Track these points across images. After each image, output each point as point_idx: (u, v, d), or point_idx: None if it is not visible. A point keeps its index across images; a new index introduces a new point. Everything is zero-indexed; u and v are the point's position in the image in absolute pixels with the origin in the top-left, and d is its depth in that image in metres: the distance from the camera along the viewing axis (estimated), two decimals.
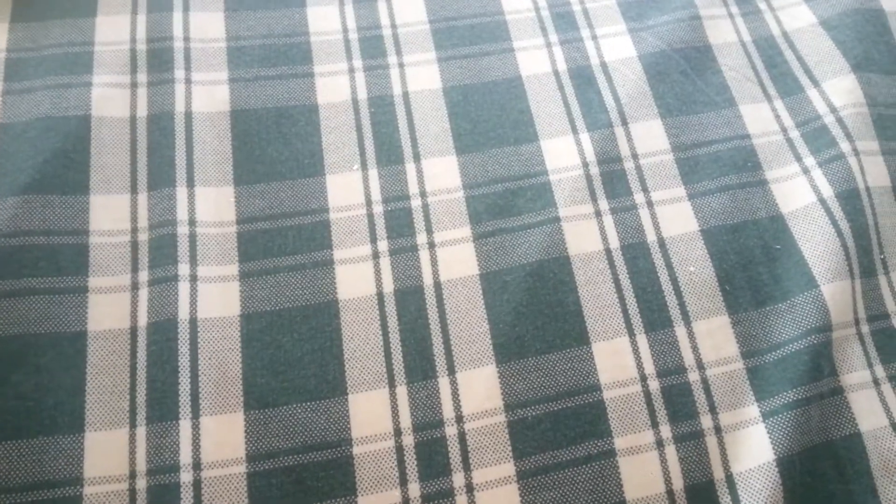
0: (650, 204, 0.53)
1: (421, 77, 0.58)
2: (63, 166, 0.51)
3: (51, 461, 0.42)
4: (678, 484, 0.44)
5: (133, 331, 0.46)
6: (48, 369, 0.44)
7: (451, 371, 0.47)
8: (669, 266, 0.50)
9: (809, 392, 0.46)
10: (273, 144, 0.54)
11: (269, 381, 0.45)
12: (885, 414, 0.47)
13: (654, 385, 0.47)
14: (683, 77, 0.58)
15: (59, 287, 0.47)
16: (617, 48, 0.60)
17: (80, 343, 0.45)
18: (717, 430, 0.46)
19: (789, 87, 0.59)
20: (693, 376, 0.47)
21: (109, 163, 0.52)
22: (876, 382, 0.48)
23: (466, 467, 0.44)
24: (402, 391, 0.46)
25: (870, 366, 0.48)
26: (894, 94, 0.57)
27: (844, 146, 0.54)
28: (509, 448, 0.45)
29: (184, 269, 0.48)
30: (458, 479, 0.44)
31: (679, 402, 0.46)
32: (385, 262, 0.50)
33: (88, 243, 0.48)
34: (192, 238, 0.49)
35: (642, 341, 0.48)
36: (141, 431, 0.43)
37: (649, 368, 0.47)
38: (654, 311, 0.49)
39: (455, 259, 0.50)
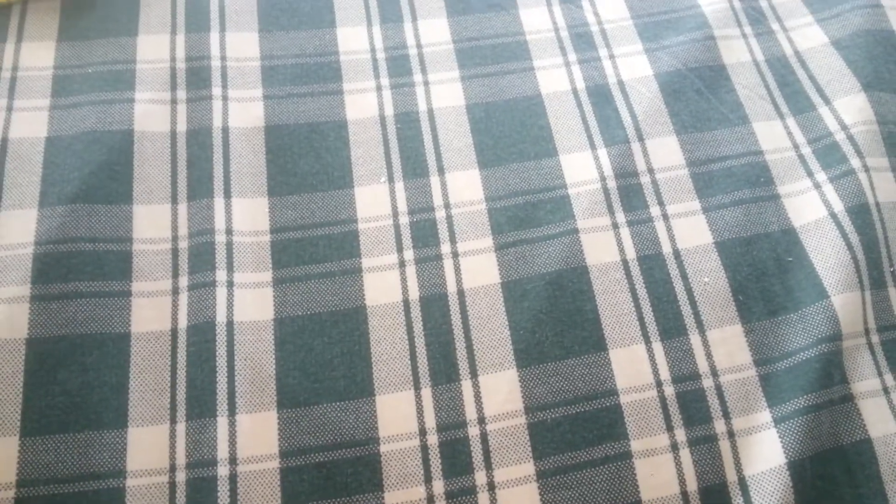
0: (666, 217, 0.55)
1: (445, 94, 0.60)
2: (108, 177, 0.54)
3: (96, 454, 0.45)
4: (692, 486, 0.46)
5: (174, 333, 0.49)
6: (94, 368, 0.47)
7: (474, 374, 0.49)
8: (684, 276, 0.52)
9: (820, 399, 0.48)
10: (305, 158, 0.57)
11: (301, 381, 0.48)
12: (895, 421, 0.48)
13: (669, 390, 0.48)
14: (698, 95, 0.61)
15: (105, 291, 0.49)
16: (634, 67, 0.62)
17: (123, 344, 0.48)
18: (731, 434, 0.47)
19: (801, 105, 0.60)
20: (707, 382, 0.49)
21: (151, 175, 0.54)
22: (886, 391, 0.49)
23: (488, 466, 0.46)
24: (426, 393, 0.48)
25: (880, 374, 0.50)
26: None
27: (855, 162, 0.56)
28: (529, 449, 0.46)
29: (221, 275, 0.51)
30: (481, 478, 0.46)
31: (693, 407, 0.48)
32: (411, 271, 0.52)
33: (132, 250, 0.51)
34: (229, 246, 0.52)
35: (658, 348, 0.50)
36: (181, 427, 0.46)
37: (665, 374, 0.49)
38: (669, 320, 0.51)
39: (478, 268, 0.52)
